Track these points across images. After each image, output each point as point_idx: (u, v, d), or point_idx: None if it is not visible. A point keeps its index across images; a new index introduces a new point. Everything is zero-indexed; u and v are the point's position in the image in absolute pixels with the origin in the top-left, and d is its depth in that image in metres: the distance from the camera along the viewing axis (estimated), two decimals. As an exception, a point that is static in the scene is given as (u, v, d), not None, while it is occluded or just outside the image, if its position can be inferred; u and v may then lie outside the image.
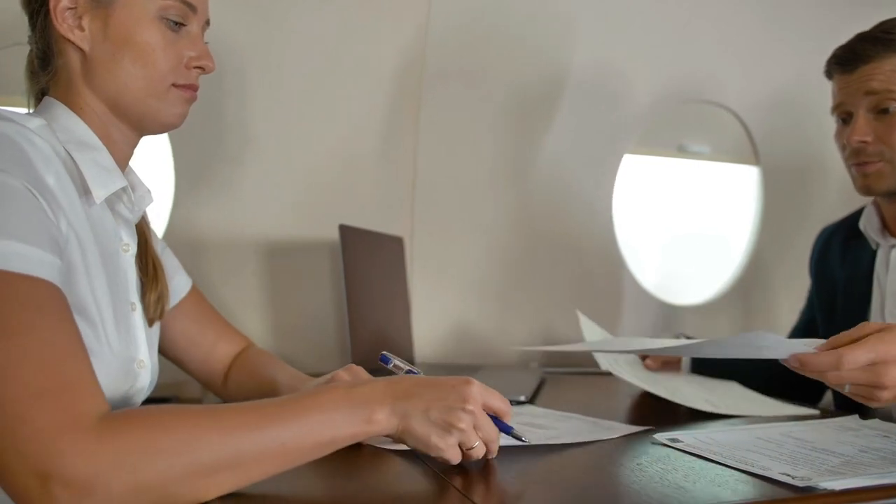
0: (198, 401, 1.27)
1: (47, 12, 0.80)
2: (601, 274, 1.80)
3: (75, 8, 0.80)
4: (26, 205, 0.65)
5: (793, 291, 1.93)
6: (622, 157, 1.80)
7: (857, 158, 1.17)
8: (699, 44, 1.80)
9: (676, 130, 1.91)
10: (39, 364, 0.58)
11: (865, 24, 1.19)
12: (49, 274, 0.64)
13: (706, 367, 1.36)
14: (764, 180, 1.94)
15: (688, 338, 1.29)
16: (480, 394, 0.71)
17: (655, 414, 1.16)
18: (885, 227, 1.25)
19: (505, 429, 0.75)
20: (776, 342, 0.82)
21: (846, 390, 0.81)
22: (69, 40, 0.81)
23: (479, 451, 0.70)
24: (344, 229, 1.24)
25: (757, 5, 1.82)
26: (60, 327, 0.62)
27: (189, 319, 1.02)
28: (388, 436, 0.69)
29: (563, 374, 1.53)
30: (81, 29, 0.81)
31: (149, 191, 0.91)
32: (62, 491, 0.54)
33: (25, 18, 0.85)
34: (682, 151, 1.91)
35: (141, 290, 0.88)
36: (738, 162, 1.96)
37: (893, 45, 1.12)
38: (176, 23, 0.84)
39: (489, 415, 0.72)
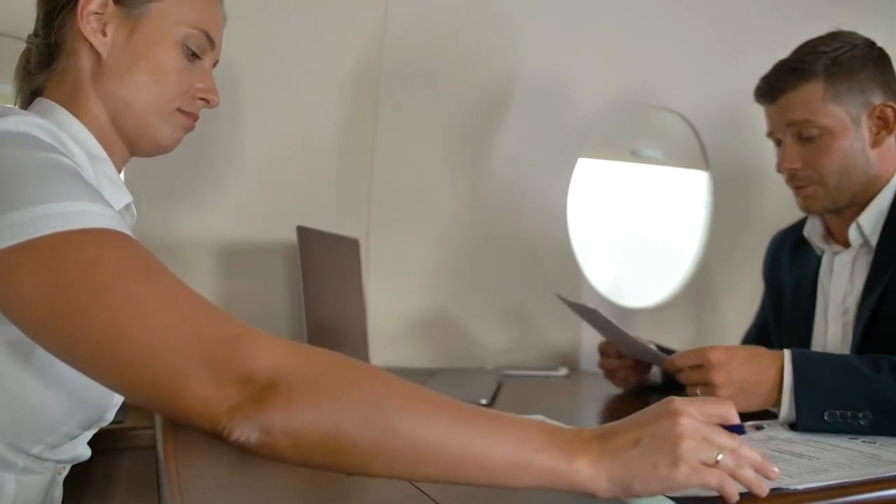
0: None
1: (71, 10, 0.80)
2: (556, 276, 1.81)
3: (102, 14, 0.81)
4: (82, 180, 0.64)
5: (737, 296, 1.98)
6: (577, 160, 1.82)
7: (792, 182, 1.23)
8: (653, 51, 1.82)
9: (630, 135, 1.94)
10: (184, 294, 0.58)
11: (814, 34, 1.22)
12: (129, 231, 0.63)
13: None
14: (713, 186, 1.98)
15: (660, 347, 1.29)
16: (687, 406, 0.60)
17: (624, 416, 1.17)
18: (829, 235, 1.28)
19: (737, 429, 0.63)
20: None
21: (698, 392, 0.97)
22: (88, 43, 0.80)
23: (727, 463, 0.59)
24: (302, 231, 1.22)
25: (709, 15, 1.86)
26: (169, 272, 0.60)
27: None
28: (597, 495, 0.58)
29: (520, 377, 1.54)
30: (104, 35, 0.81)
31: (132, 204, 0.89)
32: (267, 391, 0.53)
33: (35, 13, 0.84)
34: (635, 156, 1.94)
35: None
36: (689, 167, 1.99)
37: (806, 74, 1.16)
38: (193, 53, 0.86)
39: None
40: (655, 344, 1.30)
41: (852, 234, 1.19)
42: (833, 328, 1.22)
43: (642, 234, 2.05)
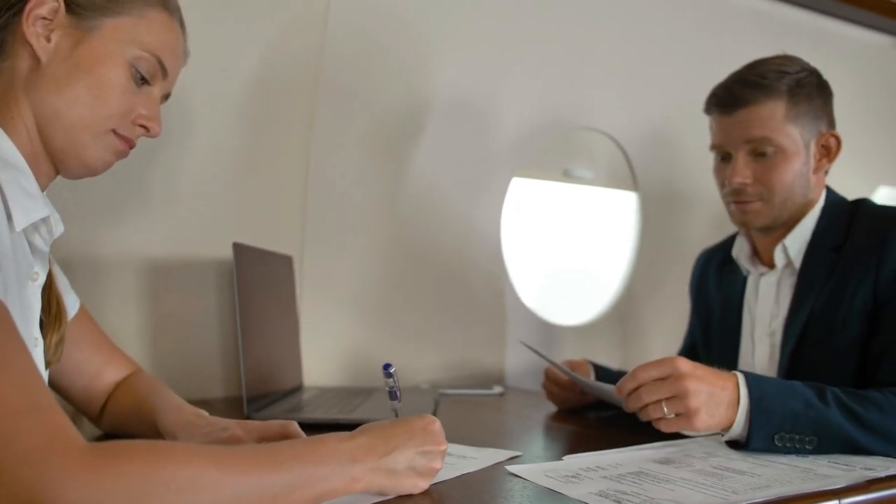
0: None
1: (17, 12, 0.76)
2: (486, 294, 1.82)
3: (51, 20, 0.77)
4: None
5: (663, 315, 2.03)
6: (509, 180, 1.83)
7: (736, 197, 1.22)
8: (581, 73, 1.87)
9: (561, 155, 1.97)
10: (12, 382, 0.53)
11: (739, 62, 1.26)
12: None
13: None
14: (641, 206, 2.04)
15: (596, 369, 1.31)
16: (442, 431, 0.75)
17: (566, 436, 1.18)
18: (756, 255, 1.32)
19: None
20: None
21: (667, 415, 0.91)
22: (30, 46, 0.77)
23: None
24: (238, 248, 1.18)
25: (635, 38, 1.92)
26: (20, 346, 0.57)
27: (76, 344, 0.94)
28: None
29: (456, 396, 1.53)
30: (48, 40, 0.77)
31: (59, 219, 0.84)
32: None
33: None
34: (567, 176, 1.97)
35: (41, 328, 0.81)
36: (618, 188, 2.04)
37: (768, 90, 1.17)
38: (143, 78, 0.83)
39: None
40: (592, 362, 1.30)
41: (778, 254, 1.23)
42: (760, 348, 1.26)
43: (572, 253, 2.09)
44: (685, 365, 0.91)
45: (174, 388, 1.00)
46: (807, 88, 1.18)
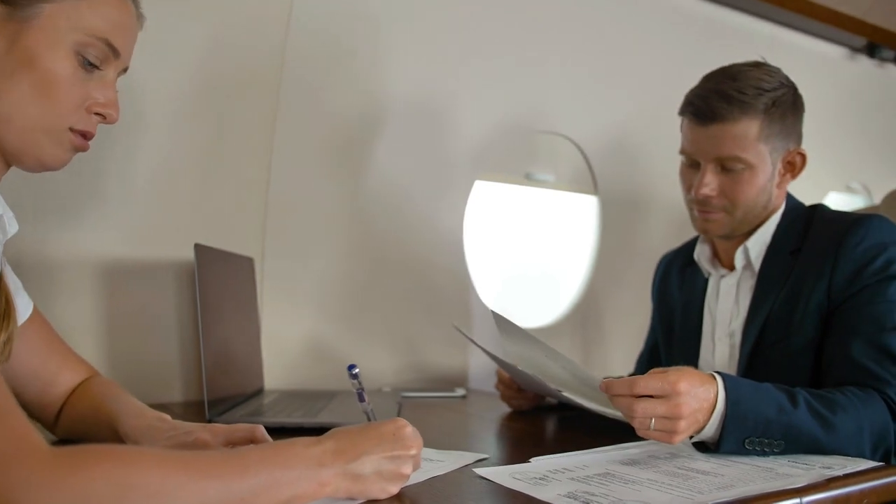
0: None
1: None
2: (450, 295, 1.82)
3: None
4: None
5: (622, 318, 2.06)
6: (473, 183, 1.84)
7: (700, 206, 1.23)
8: (543, 77, 1.88)
9: (523, 159, 1.98)
10: None
11: (698, 71, 1.26)
12: None
13: None
14: (601, 210, 2.06)
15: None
16: (416, 436, 0.74)
17: (529, 438, 1.18)
18: (716, 258, 1.35)
19: None
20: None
21: (652, 427, 0.88)
22: None
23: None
24: (199, 249, 1.16)
25: (596, 43, 1.94)
26: None
27: (30, 348, 0.90)
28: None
29: (418, 399, 1.52)
30: None
31: (12, 217, 0.80)
32: None
33: None
34: (529, 179, 1.98)
35: None
36: (579, 191, 2.06)
37: (746, 108, 1.16)
38: (91, 63, 0.76)
39: None
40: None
41: (738, 256, 1.25)
42: (720, 349, 1.28)
43: (533, 255, 2.10)
44: (685, 385, 0.88)
45: (131, 392, 0.97)
46: (782, 108, 1.18)
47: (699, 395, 0.90)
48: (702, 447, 0.95)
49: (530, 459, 0.90)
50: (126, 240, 1.38)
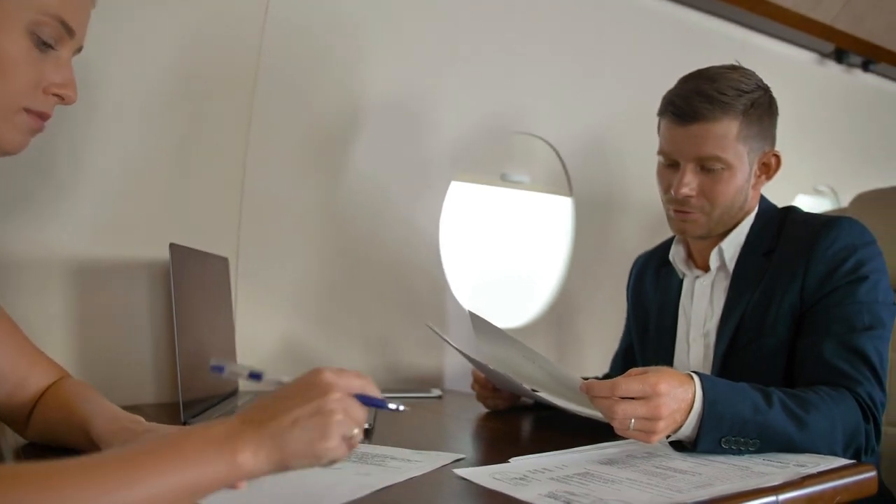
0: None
1: None
2: (425, 295, 1.82)
3: None
4: None
5: (596, 319, 2.07)
6: (449, 183, 1.84)
7: (678, 206, 1.24)
8: (518, 78, 1.88)
9: (499, 160, 1.98)
10: None
11: (672, 74, 1.27)
12: None
13: None
14: (576, 211, 2.07)
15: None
16: (337, 378, 0.62)
17: (506, 438, 1.18)
18: (691, 259, 1.36)
19: (378, 403, 0.66)
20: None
21: (631, 427, 0.89)
22: None
23: (358, 438, 0.62)
24: (174, 248, 1.14)
25: (575, 50, 1.95)
26: None
27: (-3, 350, 0.88)
28: (257, 477, 0.59)
29: (396, 399, 1.51)
30: None
31: None
32: None
33: None
34: (504, 180, 1.99)
35: None
36: (554, 193, 2.07)
37: (726, 108, 1.17)
38: (45, 43, 0.74)
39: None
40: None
41: (713, 257, 1.27)
42: (694, 349, 1.30)
43: (508, 256, 2.10)
44: (664, 387, 0.89)
45: (104, 394, 0.96)
46: (759, 109, 1.20)
47: (678, 396, 0.91)
48: (678, 446, 0.97)
49: (510, 459, 0.90)
50: (98, 238, 1.36)
